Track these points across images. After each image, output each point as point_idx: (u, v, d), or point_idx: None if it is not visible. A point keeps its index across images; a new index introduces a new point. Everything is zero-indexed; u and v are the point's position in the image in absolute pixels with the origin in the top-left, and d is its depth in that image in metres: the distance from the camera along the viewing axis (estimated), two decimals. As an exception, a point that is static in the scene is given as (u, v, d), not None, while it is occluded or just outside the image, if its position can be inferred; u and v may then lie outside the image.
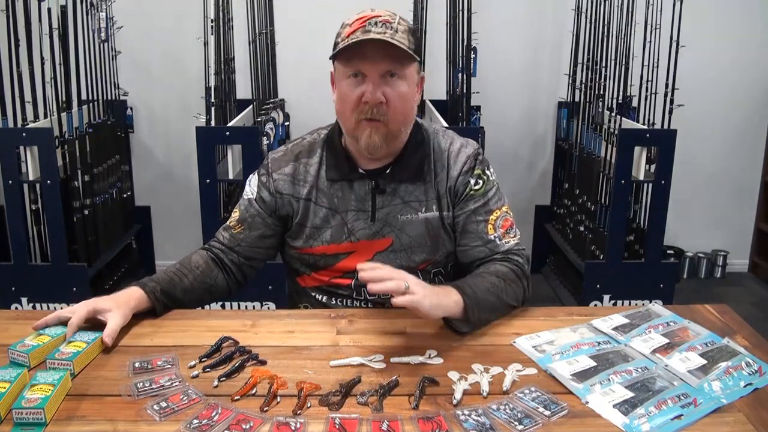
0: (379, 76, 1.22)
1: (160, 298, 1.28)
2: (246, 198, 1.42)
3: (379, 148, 1.27)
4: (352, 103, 1.25)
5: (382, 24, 1.21)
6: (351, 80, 1.24)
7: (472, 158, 1.37)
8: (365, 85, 1.23)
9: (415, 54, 1.24)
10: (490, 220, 1.36)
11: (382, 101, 1.23)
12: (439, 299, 1.14)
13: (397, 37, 1.21)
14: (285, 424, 0.93)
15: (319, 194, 1.36)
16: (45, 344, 1.10)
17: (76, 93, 2.87)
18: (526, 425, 0.93)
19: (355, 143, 1.31)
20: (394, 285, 1.08)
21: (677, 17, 2.70)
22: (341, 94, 1.27)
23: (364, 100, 1.23)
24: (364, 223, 1.35)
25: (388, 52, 1.21)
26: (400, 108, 1.26)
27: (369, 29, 1.20)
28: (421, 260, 1.37)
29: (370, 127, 1.25)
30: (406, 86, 1.26)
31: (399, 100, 1.25)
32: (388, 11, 1.25)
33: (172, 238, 3.49)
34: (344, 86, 1.26)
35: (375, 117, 1.24)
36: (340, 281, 1.38)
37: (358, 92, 1.23)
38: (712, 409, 0.98)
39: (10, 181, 2.59)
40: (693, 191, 3.53)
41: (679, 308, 1.31)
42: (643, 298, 2.81)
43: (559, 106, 3.45)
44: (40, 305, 2.72)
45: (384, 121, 1.25)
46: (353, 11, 1.26)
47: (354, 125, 1.27)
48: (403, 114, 1.27)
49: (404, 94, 1.25)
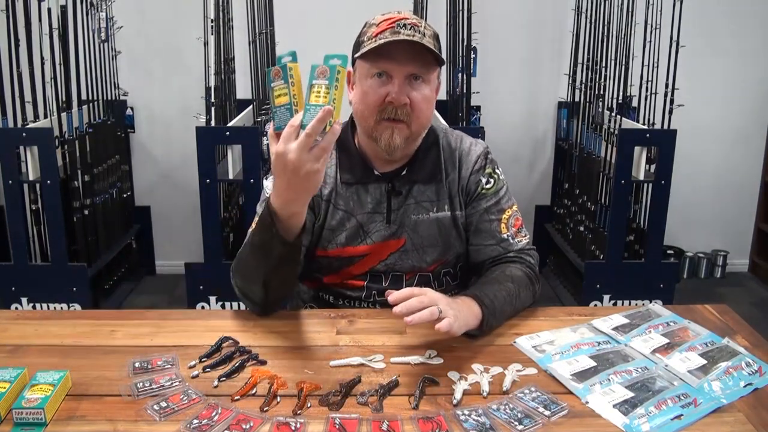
0: (404, 78, 1.22)
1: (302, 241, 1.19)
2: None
3: (399, 149, 1.27)
4: (376, 103, 1.24)
5: (411, 27, 1.21)
6: (375, 80, 1.23)
7: (483, 157, 1.38)
8: (391, 85, 1.22)
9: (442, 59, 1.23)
10: (502, 219, 1.36)
11: (407, 102, 1.23)
12: (465, 319, 1.13)
13: (425, 41, 1.20)
14: (285, 424, 0.93)
15: (337, 196, 1.35)
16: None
17: (76, 93, 2.87)
18: (526, 425, 0.93)
19: (372, 144, 1.30)
20: (428, 314, 1.05)
21: (677, 17, 2.70)
22: (363, 92, 1.26)
23: (389, 100, 1.22)
24: (381, 225, 1.34)
25: (416, 55, 1.20)
26: (424, 111, 1.26)
27: (398, 31, 1.20)
28: (432, 260, 1.37)
29: (392, 128, 1.24)
30: (429, 90, 1.26)
31: (423, 102, 1.25)
32: (414, 15, 1.25)
33: (172, 238, 3.49)
34: (367, 85, 1.24)
35: (398, 117, 1.24)
36: (353, 282, 1.37)
37: (383, 92, 1.23)
38: (712, 409, 0.98)
39: (10, 181, 2.59)
40: (693, 191, 3.53)
41: (679, 308, 1.31)
42: (643, 298, 2.81)
43: (559, 106, 3.45)
44: (40, 305, 2.72)
45: (407, 123, 1.25)
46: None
47: (374, 125, 1.26)
48: (425, 117, 1.28)
49: (428, 97, 1.26)
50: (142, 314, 1.30)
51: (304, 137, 0.98)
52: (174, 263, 3.42)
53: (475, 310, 1.17)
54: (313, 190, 1.06)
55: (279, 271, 1.18)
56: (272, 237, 1.11)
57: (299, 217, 1.11)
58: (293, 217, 1.10)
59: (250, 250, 1.18)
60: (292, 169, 1.00)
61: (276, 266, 1.16)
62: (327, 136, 1.00)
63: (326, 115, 0.97)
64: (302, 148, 0.98)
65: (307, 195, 1.07)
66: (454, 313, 1.09)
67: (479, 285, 1.27)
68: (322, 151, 1.00)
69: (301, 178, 1.01)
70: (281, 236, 1.10)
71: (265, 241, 1.12)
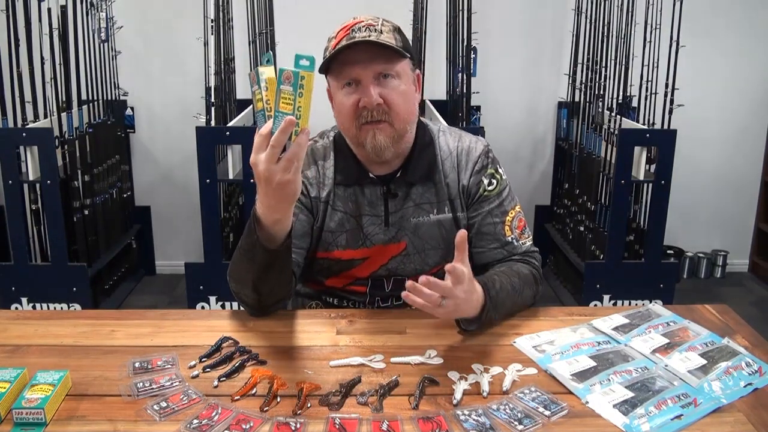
0: (372, 79, 1.21)
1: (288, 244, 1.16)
2: None
3: (386, 149, 1.25)
4: (351, 111, 1.23)
5: (366, 28, 1.20)
6: (346, 90, 1.23)
7: (484, 156, 1.36)
8: (360, 90, 1.22)
9: (403, 50, 1.23)
10: (506, 221, 1.35)
11: (380, 102, 1.22)
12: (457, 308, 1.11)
13: (382, 37, 1.20)
14: (285, 424, 0.93)
15: (335, 198, 1.35)
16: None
17: (76, 93, 2.87)
18: (526, 425, 0.93)
19: (362, 150, 1.29)
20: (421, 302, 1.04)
21: (677, 17, 2.70)
22: (338, 105, 1.26)
23: (362, 105, 1.22)
24: (379, 228, 1.34)
25: (376, 53, 1.20)
26: (402, 105, 1.25)
27: (353, 35, 1.19)
28: (435, 263, 1.36)
29: (372, 129, 1.24)
30: (402, 84, 1.25)
31: (399, 97, 1.24)
32: (371, 16, 1.24)
33: (172, 238, 3.49)
34: (340, 97, 1.24)
35: (375, 119, 1.23)
36: (355, 288, 1.37)
37: (354, 99, 1.22)
38: (712, 409, 0.98)
39: (10, 181, 2.59)
40: (693, 191, 3.53)
41: (679, 308, 1.31)
42: (643, 298, 2.81)
43: (559, 106, 3.45)
44: (40, 305, 2.72)
45: (388, 121, 1.24)
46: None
47: (356, 132, 1.26)
48: (405, 111, 1.26)
49: (402, 91, 1.24)
50: (142, 314, 1.30)
51: (269, 149, 0.97)
52: (174, 263, 3.43)
53: (477, 297, 1.13)
54: (290, 198, 1.05)
55: (267, 276, 1.17)
56: (255, 243, 1.10)
57: (283, 224, 1.10)
58: (277, 224, 1.09)
59: (239, 254, 1.18)
60: (264, 179, 1.00)
61: (262, 271, 1.15)
62: (292, 147, 0.97)
63: (288, 126, 0.95)
64: (269, 159, 0.98)
65: (286, 203, 1.06)
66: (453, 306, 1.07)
67: (488, 273, 1.25)
68: (289, 163, 0.98)
69: (273, 188, 1.00)
70: (263, 243, 1.10)
71: (250, 246, 1.12)
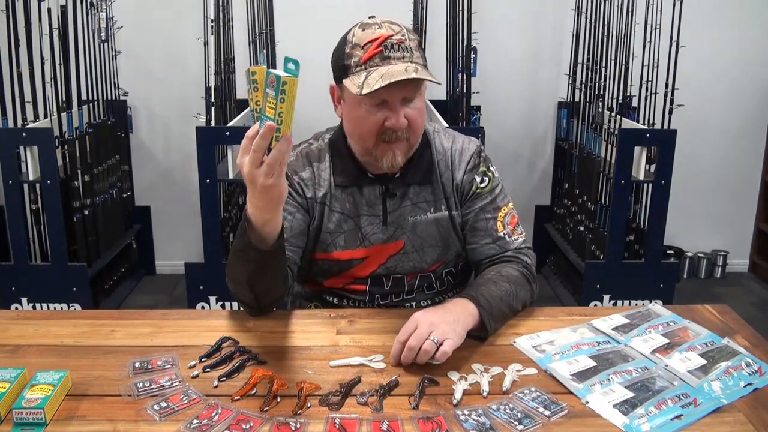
0: (399, 101, 1.22)
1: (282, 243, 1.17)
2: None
3: (400, 164, 1.28)
4: (375, 130, 1.23)
5: (398, 47, 1.19)
6: (371, 107, 1.22)
7: (476, 155, 1.38)
8: (387, 111, 1.21)
9: (435, 78, 1.21)
10: (498, 217, 1.36)
11: (406, 124, 1.23)
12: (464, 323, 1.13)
13: (415, 59, 1.20)
14: (285, 424, 0.93)
15: (332, 199, 1.35)
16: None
17: (76, 93, 2.87)
18: (526, 425, 0.93)
19: (367, 156, 1.29)
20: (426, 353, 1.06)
21: (677, 17, 2.70)
22: (357, 118, 1.24)
23: (389, 125, 1.22)
24: (377, 227, 1.34)
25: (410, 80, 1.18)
26: (420, 123, 1.27)
27: (388, 56, 1.18)
28: (433, 261, 1.37)
29: (393, 149, 1.25)
30: (421, 102, 1.26)
31: (419, 117, 1.26)
32: (393, 23, 1.22)
33: (172, 238, 3.49)
34: (362, 111, 1.23)
35: (398, 138, 1.24)
36: (355, 287, 1.37)
37: (381, 117, 1.22)
38: (712, 409, 0.98)
39: (10, 181, 2.59)
40: (693, 191, 3.53)
41: (679, 308, 1.31)
42: (643, 298, 2.81)
43: (559, 106, 3.45)
44: (40, 305, 2.72)
45: (406, 138, 1.25)
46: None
47: (373, 147, 1.26)
48: (421, 127, 1.29)
49: (421, 109, 1.26)
50: (142, 314, 1.30)
51: (251, 153, 0.97)
52: (174, 263, 3.43)
53: (471, 310, 1.16)
54: (277, 201, 1.05)
55: (262, 276, 1.17)
56: (247, 244, 1.10)
57: (273, 224, 1.10)
58: (267, 225, 1.09)
59: (233, 255, 1.18)
60: (249, 181, 1.01)
61: (257, 271, 1.15)
62: (272, 153, 0.97)
63: (267, 132, 0.95)
64: (252, 163, 0.98)
65: (273, 205, 1.06)
66: (451, 328, 1.09)
67: (474, 285, 1.26)
68: (270, 168, 0.98)
69: (259, 191, 1.01)
70: (254, 244, 1.10)
71: (243, 247, 1.12)
